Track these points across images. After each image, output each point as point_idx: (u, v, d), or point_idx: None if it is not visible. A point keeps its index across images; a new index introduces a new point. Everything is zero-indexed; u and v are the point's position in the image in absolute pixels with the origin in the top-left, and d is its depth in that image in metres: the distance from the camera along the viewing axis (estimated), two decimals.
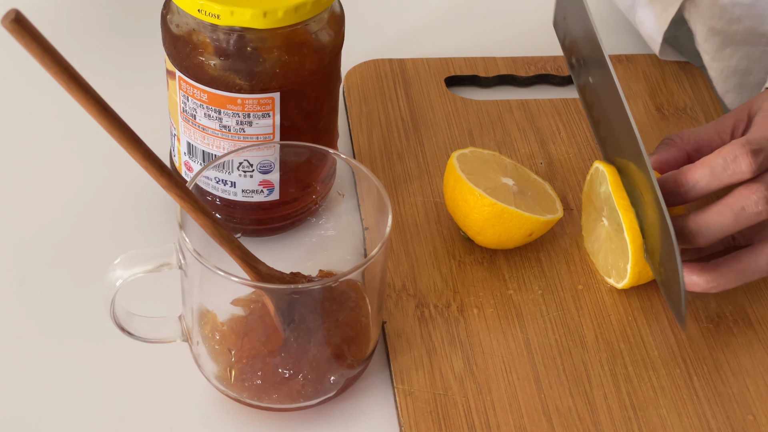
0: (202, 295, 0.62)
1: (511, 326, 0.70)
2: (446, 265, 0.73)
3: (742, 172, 0.66)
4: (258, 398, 0.63)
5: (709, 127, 0.73)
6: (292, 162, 0.70)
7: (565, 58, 0.78)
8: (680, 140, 0.73)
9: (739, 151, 0.65)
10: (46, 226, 0.75)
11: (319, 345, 0.62)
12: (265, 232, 0.74)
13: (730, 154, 0.66)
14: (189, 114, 0.70)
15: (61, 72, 0.50)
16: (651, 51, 0.92)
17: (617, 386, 0.67)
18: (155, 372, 0.67)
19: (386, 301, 0.70)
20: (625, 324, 0.70)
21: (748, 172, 0.66)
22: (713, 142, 0.72)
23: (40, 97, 0.84)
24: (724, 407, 0.66)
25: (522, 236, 0.72)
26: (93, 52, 0.89)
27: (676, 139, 0.73)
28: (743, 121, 0.72)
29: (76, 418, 0.64)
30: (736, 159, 0.66)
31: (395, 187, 0.78)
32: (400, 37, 0.94)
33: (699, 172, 0.67)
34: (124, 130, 0.54)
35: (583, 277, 0.73)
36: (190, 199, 0.58)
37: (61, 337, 0.68)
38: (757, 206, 0.65)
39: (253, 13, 0.65)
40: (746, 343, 0.70)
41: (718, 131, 0.73)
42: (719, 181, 0.66)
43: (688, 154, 0.73)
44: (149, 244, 0.70)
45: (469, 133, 0.83)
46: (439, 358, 0.68)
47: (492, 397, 0.66)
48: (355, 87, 0.86)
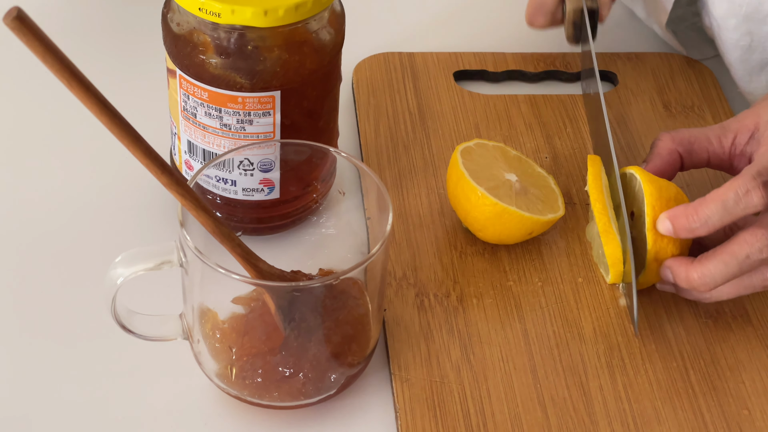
0: (203, 293, 0.62)
1: (509, 317, 0.70)
2: (447, 256, 0.73)
3: (754, 205, 0.64)
4: (258, 396, 0.63)
5: (709, 130, 0.72)
6: (292, 160, 0.71)
7: None
8: (672, 141, 0.72)
9: (751, 185, 0.64)
10: (47, 224, 0.75)
11: (320, 343, 0.62)
12: (265, 231, 0.74)
13: (742, 188, 0.64)
14: (190, 112, 0.70)
15: (62, 70, 0.50)
16: (658, 50, 0.92)
17: (613, 378, 0.67)
18: (156, 370, 0.67)
19: (386, 289, 0.70)
20: (623, 317, 0.71)
21: (761, 205, 0.64)
22: (710, 146, 0.72)
23: (41, 95, 0.84)
24: (719, 401, 0.66)
25: (522, 235, 0.72)
26: (94, 50, 0.89)
27: (667, 139, 0.72)
28: (748, 130, 0.71)
29: (77, 416, 0.64)
30: (748, 193, 0.64)
31: (400, 178, 0.79)
32: (411, 32, 0.94)
33: (711, 207, 0.65)
34: (126, 128, 0.54)
35: (583, 270, 0.73)
36: (191, 196, 0.58)
37: (62, 335, 0.68)
38: (761, 253, 0.64)
39: (253, 12, 0.65)
40: (744, 338, 0.70)
41: (719, 135, 0.72)
42: (732, 216, 0.65)
43: (679, 155, 0.72)
44: (150, 241, 0.70)
45: (475, 127, 0.83)
46: (436, 347, 0.68)
47: (488, 386, 0.66)
48: (364, 79, 0.86)
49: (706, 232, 0.66)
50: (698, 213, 0.65)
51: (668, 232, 0.67)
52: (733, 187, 0.65)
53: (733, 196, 0.64)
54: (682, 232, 0.66)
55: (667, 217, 0.67)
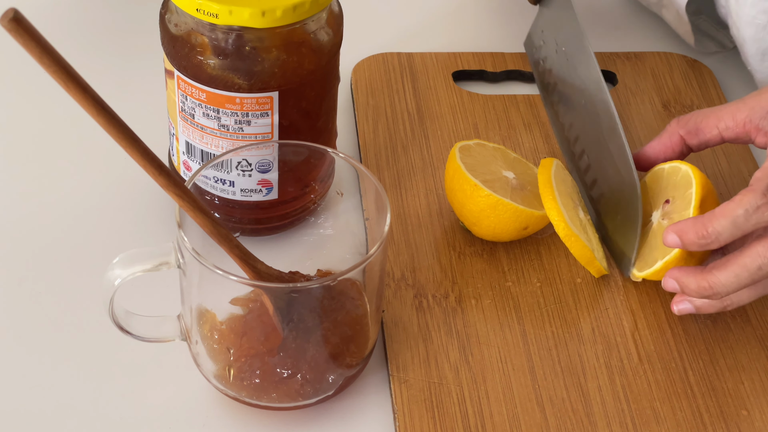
0: (201, 295, 0.62)
1: (508, 318, 0.70)
2: (446, 256, 0.73)
3: (766, 221, 0.64)
4: (257, 397, 0.63)
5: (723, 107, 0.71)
6: (290, 161, 0.70)
7: None
8: (677, 123, 0.72)
9: (761, 201, 0.63)
10: (45, 226, 0.75)
11: (318, 344, 0.62)
12: (263, 232, 0.74)
13: (752, 204, 0.63)
14: (187, 113, 0.70)
15: (59, 71, 0.50)
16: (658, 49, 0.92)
17: (612, 378, 0.67)
18: (154, 371, 0.67)
19: (385, 290, 0.70)
20: (622, 317, 0.71)
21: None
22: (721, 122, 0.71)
23: (38, 96, 0.84)
24: (718, 402, 0.66)
25: (517, 229, 0.72)
26: (91, 51, 0.89)
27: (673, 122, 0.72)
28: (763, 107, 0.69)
29: (75, 417, 0.64)
30: (758, 209, 0.63)
31: (399, 178, 0.79)
32: (410, 32, 0.94)
33: (720, 223, 0.64)
34: (123, 129, 0.54)
35: (582, 270, 0.73)
36: (188, 198, 0.58)
37: (60, 336, 0.68)
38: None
39: (251, 13, 0.65)
40: (743, 339, 0.70)
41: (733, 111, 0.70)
42: (742, 231, 0.64)
43: (681, 137, 0.72)
44: (148, 243, 0.70)
45: (474, 127, 0.83)
46: (435, 348, 0.68)
47: (486, 387, 0.66)
48: (363, 80, 0.86)
49: (717, 247, 0.65)
50: (707, 229, 0.64)
51: (676, 245, 0.66)
52: (743, 203, 0.64)
53: (743, 213, 0.63)
54: (691, 247, 0.66)
55: (674, 231, 0.66)
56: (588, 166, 0.77)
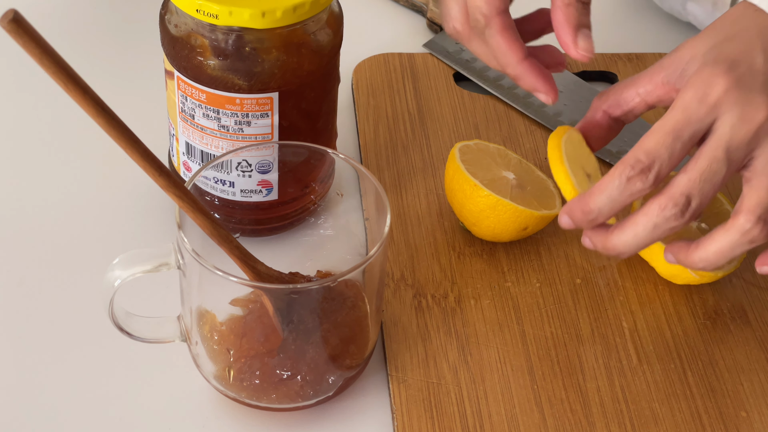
0: (201, 296, 0.62)
1: (507, 318, 0.70)
2: (446, 257, 0.73)
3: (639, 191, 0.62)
4: (256, 398, 0.63)
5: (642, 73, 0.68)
6: (290, 162, 0.71)
7: None
8: (598, 98, 0.69)
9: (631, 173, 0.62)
10: (45, 226, 0.75)
11: (318, 345, 0.62)
12: (263, 232, 0.74)
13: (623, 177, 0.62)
14: (188, 114, 0.70)
15: (59, 72, 0.50)
16: (658, 50, 0.92)
17: (611, 379, 0.67)
18: (154, 372, 0.67)
19: (384, 290, 0.70)
20: (621, 318, 0.71)
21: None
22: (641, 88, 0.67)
23: (37, 97, 0.84)
24: (717, 403, 0.67)
25: (516, 229, 0.72)
26: (91, 52, 0.89)
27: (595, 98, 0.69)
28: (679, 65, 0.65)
29: (75, 417, 0.64)
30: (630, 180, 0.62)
31: (399, 178, 0.79)
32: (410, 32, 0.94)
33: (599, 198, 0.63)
34: (123, 130, 0.54)
35: (582, 271, 0.73)
36: (188, 199, 0.58)
37: (60, 337, 0.68)
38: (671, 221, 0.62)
39: (251, 13, 0.65)
40: (743, 340, 0.70)
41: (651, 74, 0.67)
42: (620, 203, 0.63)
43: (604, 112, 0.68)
44: (148, 244, 0.70)
45: (475, 128, 0.83)
46: (434, 348, 0.68)
47: (485, 387, 0.66)
48: (364, 80, 0.86)
49: (603, 221, 0.64)
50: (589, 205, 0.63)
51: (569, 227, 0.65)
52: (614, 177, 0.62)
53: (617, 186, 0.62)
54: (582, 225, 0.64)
55: (565, 212, 0.64)
56: None
